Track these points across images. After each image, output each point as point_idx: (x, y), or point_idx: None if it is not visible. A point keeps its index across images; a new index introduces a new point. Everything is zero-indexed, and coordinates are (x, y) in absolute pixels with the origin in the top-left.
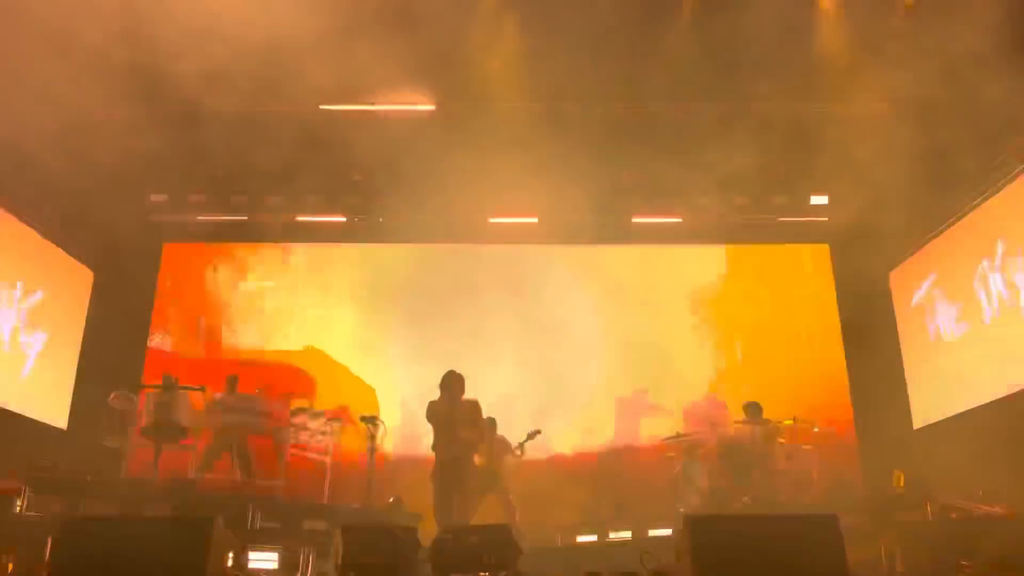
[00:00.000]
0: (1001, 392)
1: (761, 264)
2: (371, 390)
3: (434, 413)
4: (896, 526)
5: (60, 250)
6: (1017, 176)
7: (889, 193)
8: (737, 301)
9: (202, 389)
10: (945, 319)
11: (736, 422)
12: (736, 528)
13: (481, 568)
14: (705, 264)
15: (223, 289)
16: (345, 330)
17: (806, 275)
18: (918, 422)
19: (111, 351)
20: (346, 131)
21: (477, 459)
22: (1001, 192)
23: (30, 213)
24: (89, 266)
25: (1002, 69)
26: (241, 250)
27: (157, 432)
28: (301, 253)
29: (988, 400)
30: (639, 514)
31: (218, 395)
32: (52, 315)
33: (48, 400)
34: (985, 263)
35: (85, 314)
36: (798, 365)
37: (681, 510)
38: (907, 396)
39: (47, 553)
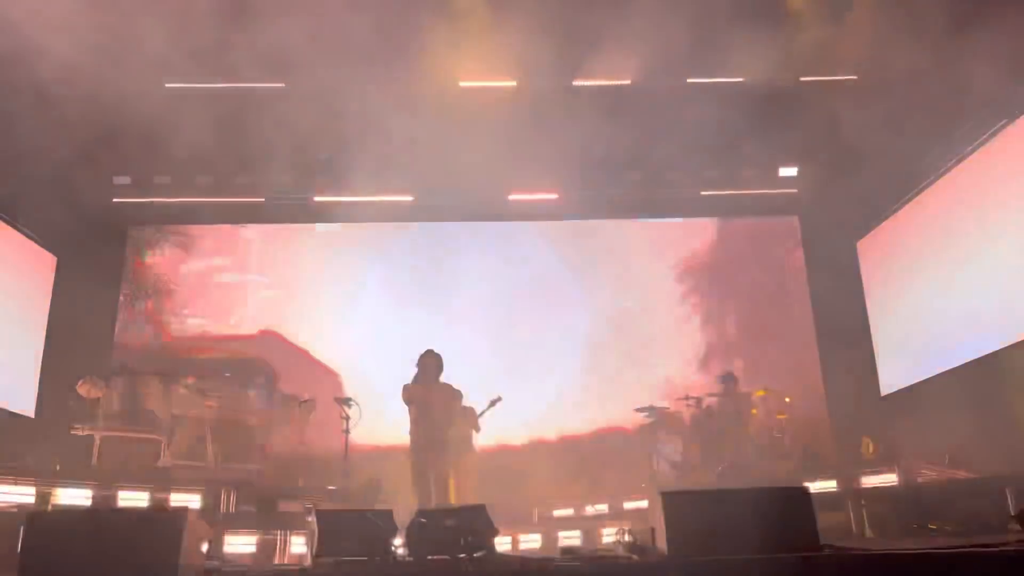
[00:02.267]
0: (967, 358)
1: (732, 237)
2: (338, 374)
3: (410, 395)
4: (865, 491)
5: (20, 235)
6: (982, 145)
7: (856, 164)
8: (716, 273)
9: (171, 376)
10: (910, 288)
11: (710, 394)
12: (709, 502)
13: (458, 550)
14: (684, 237)
15: (177, 271)
16: (305, 313)
17: (781, 246)
18: (886, 389)
19: (77, 337)
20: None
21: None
22: (968, 159)
23: None
24: (51, 251)
25: (968, 36)
26: (198, 231)
27: (127, 419)
28: (256, 232)
29: (954, 366)
30: (616, 488)
31: (188, 381)
32: (15, 300)
33: (14, 388)
34: (950, 231)
35: (49, 300)
36: (771, 336)
37: (655, 483)
38: (875, 364)
39: (20, 543)
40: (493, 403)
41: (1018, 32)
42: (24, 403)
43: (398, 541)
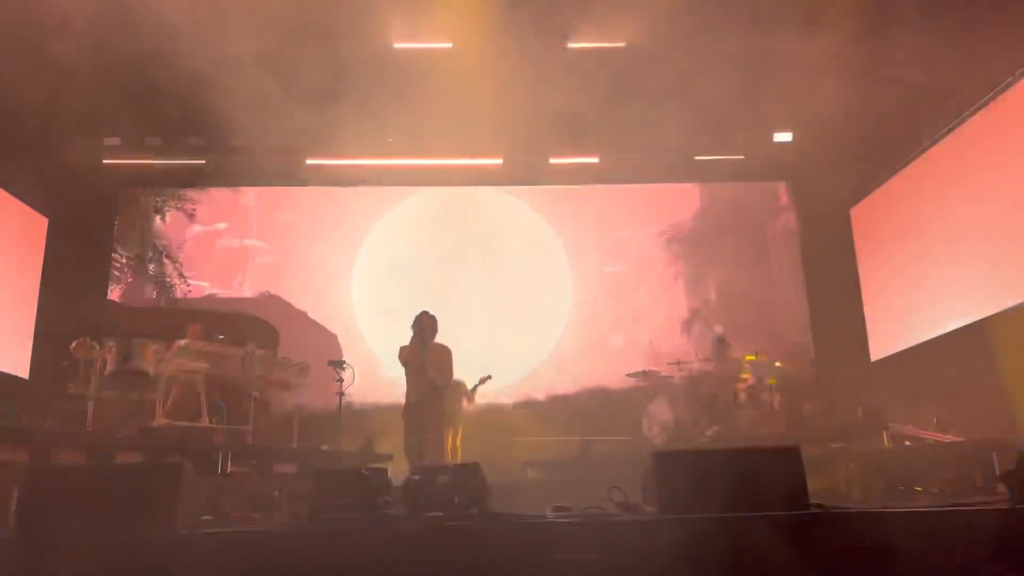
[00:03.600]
0: (957, 324)
1: (728, 201)
2: (332, 336)
3: (406, 357)
4: (854, 455)
5: (12, 197)
6: (977, 111)
7: (849, 131)
8: (708, 238)
9: (166, 336)
10: (902, 254)
11: (701, 358)
12: (701, 462)
13: (452, 507)
14: (675, 202)
15: (175, 233)
16: (303, 275)
17: (770, 212)
18: (876, 354)
19: (70, 299)
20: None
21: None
22: (963, 126)
23: None
24: (43, 213)
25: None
26: (194, 193)
27: (122, 380)
28: (253, 195)
29: (944, 332)
30: (607, 451)
31: (182, 342)
32: (7, 262)
33: (8, 349)
34: (943, 198)
35: (41, 262)
36: (761, 301)
37: (648, 446)
38: (865, 330)
39: (14, 504)
40: (482, 381)
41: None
42: (18, 364)
43: (392, 498)
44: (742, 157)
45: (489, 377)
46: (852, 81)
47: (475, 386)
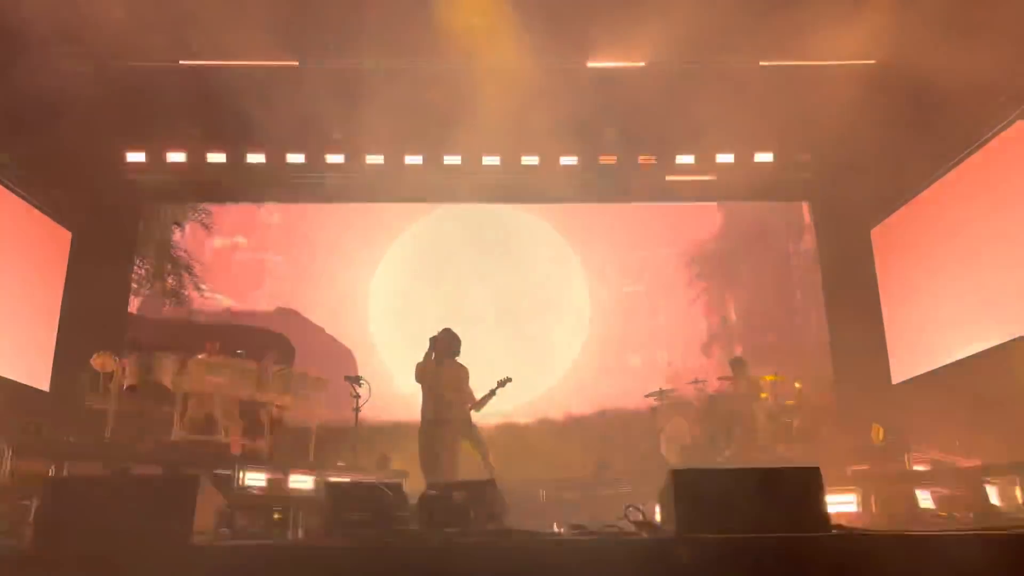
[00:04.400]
0: (979, 347)
1: (749, 221)
2: (349, 352)
3: (422, 374)
4: (875, 476)
5: (37, 211)
6: (999, 133)
7: (871, 151)
8: (728, 258)
9: (185, 351)
10: (924, 276)
11: (720, 378)
12: (719, 480)
13: (468, 523)
14: (697, 221)
15: (194, 247)
16: (321, 290)
17: (791, 232)
18: (897, 377)
19: (92, 312)
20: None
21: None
22: (985, 148)
23: (5, 173)
24: (67, 227)
25: (985, 25)
26: (214, 208)
27: (141, 394)
28: (273, 210)
29: (966, 355)
30: (623, 470)
31: (201, 356)
32: (31, 275)
33: (30, 362)
34: (965, 220)
35: (64, 275)
36: (780, 322)
37: (665, 466)
38: (887, 352)
39: (31, 514)
40: (502, 383)
41: None
42: (39, 377)
43: (408, 513)
44: (760, 176)
45: (509, 379)
46: (873, 101)
47: (492, 389)
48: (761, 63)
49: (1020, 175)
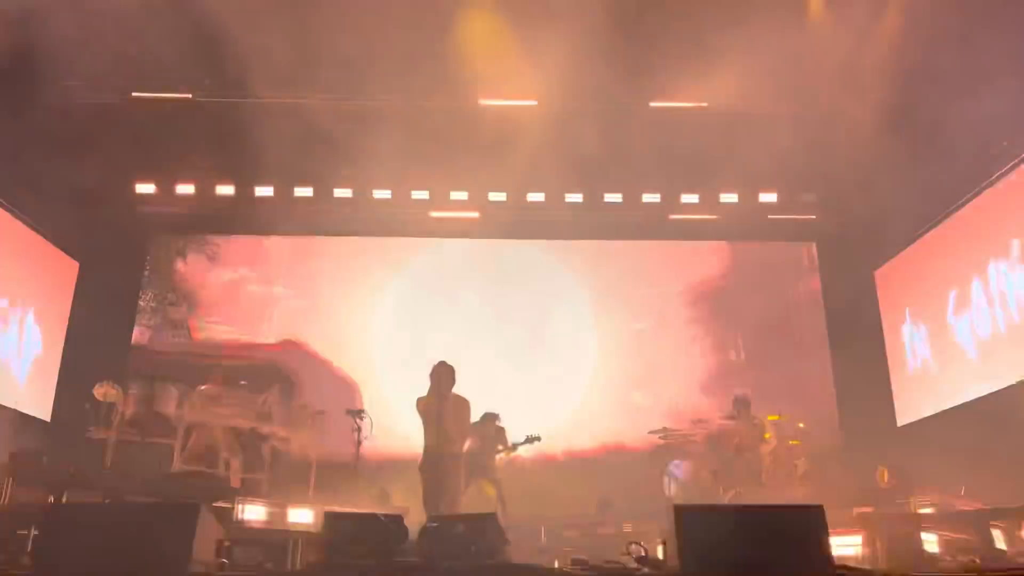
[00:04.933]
0: (985, 390)
1: (755, 261)
2: (352, 385)
3: (424, 408)
4: (879, 519)
5: (45, 241)
6: (1004, 176)
7: (875, 193)
8: (730, 297)
9: (187, 382)
10: (928, 318)
11: (723, 417)
12: (723, 519)
13: (469, 556)
14: (704, 260)
15: (198, 278)
16: (325, 323)
17: (796, 272)
18: (902, 419)
19: (96, 342)
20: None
21: (471, 443)
22: (986, 192)
23: (15, 202)
24: (74, 257)
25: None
26: (220, 239)
27: (141, 425)
28: (278, 242)
29: (972, 398)
30: (625, 509)
31: (203, 388)
32: (36, 306)
33: (32, 391)
34: (967, 262)
35: (70, 305)
36: (785, 362)
37: (668, 506)
38: (891, 393)
39: (30, 543)
40: (530, 440)
41: None
42: (41, 407)
43: (408, 546)
44: (767, 216)
45: (538, 438)
46: (877, 144)
47: (519, 443)
48: (762, 105)
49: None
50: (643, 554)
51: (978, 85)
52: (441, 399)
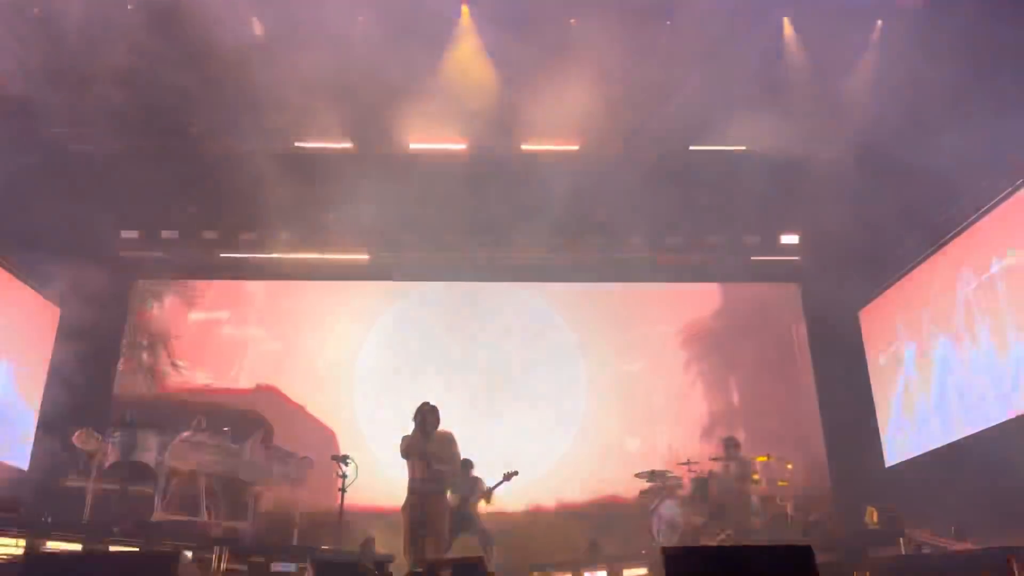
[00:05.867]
0: (972, 429)
1: (736, 304)
2: (331, 433)
3: (408, 447)
4: (870, 562)
5: (26, 287)
6: (986, 214)
7: (856, 235)
8: (720, 340)
9: (167, 429)
10: (913, 357)
11: (711, 458)
12: (711, 560)
13: None
14: (689, 304)
15: (175, 322)
16: (304, 368)
17: (784, 313)
18: (890, 459)
19: (76, 389)
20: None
21: (450, 499)
22: (972, 228)
23: None
24: (55, 303)
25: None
26: (200, 284)
27: (121, 472)
28: (257, 287)
29: (959, 437)
30: (614, 552)
31: (185, 435)
32: (17, 353)
33: (9, 440)
34: (950, 300)
35: (50, 351)
36: (774, 404)
37: (655, 547)
38: (879, 433)
39: None
40: (508, 477)
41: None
42: (19, 455)
43: None
44: (750, 259)
45: (515, 473)
46: (855, 187)
47: (497, 483)
48: (747, 148)
49: (1006, 256)
50: None
51: (954, 124)
52: (426, 437)
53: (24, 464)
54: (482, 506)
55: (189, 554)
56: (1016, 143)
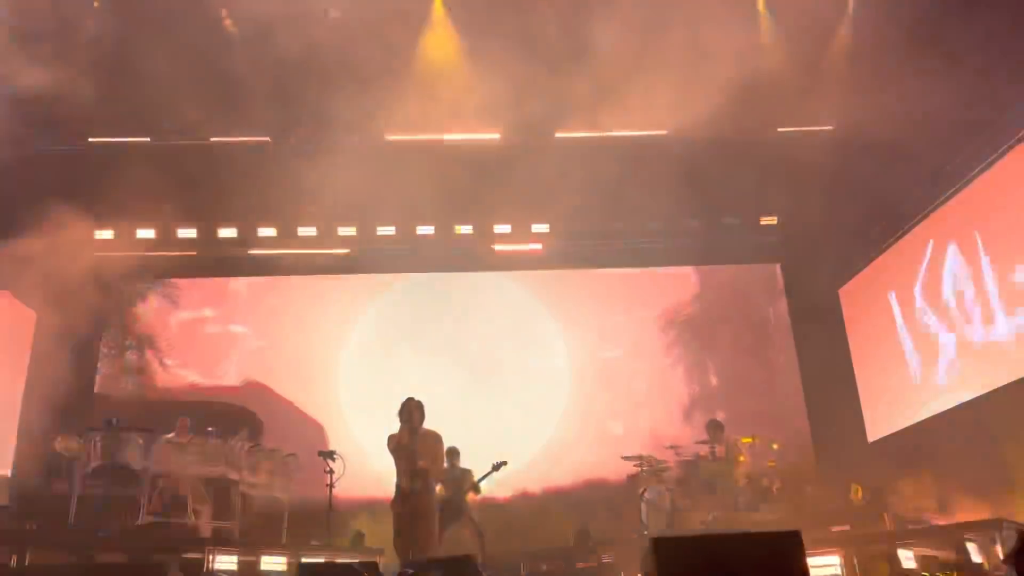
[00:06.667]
0: (955, 402)
1: (716, 286)
2: (319, 427)
3: (395, 444)
4: (855, 537)
5: (2, 291)
6: (959, 191)
7: (835, 213)
8: (700, 323)
9: (152, 431)
10: (893, 333)
11: (697, 442)
12: (701, 548)
13: None
14: (668, 287)
15: (158, 321)
16: (289, 364)
17: (765, 294)
18: (873, 435)
19: (56, 393)
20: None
21: (439, 490)
22: (946, 204)
23: None
24: (31, 307)
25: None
26: (181, 282)
27: (106, 476)
28: (240, 283)
29: (941, 410)
30: (604, 538)
31: (169, 436)
32: None
33: None
34: (931, 275)
35: (28, 356)
36: (756, 384)
37: (645, 532)
38: (861, 410)
39: None
40: (497, 467)
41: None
42: (1, 462)
43: None
44: (730, 240)
45: (504, 463)
46: (833, 165)
47: (486, 474)
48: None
49: (985, 230)
50: None
51: (932, 98)
52: (413, 435)
53: (6, 471)
54: (471, 496)
55: (177, 566)
56: (992, 113)
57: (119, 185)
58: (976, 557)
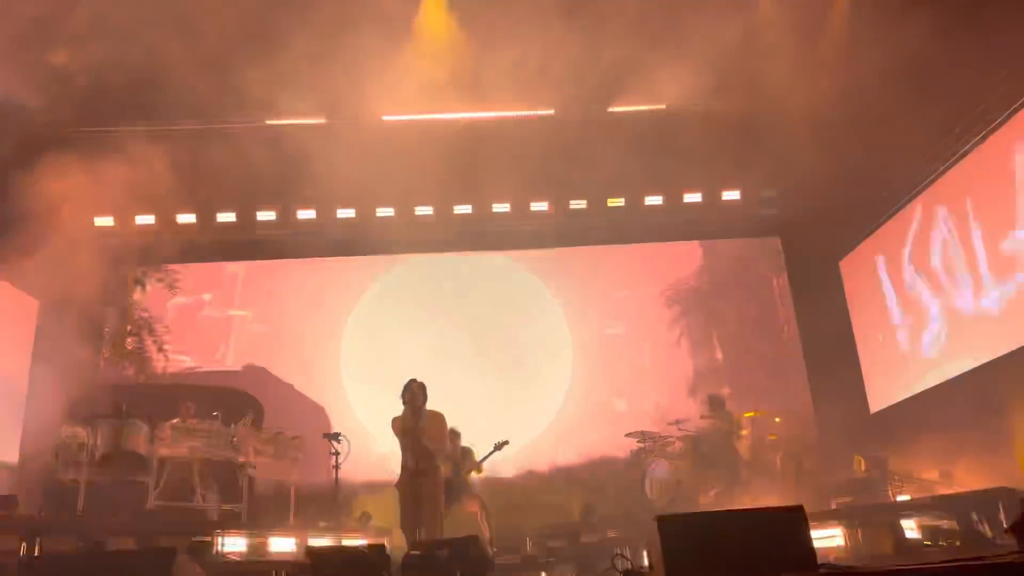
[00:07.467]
0: (954, 372)
1: (717, 261)
2: (321, 409)
3: (400, 427)
4: (859, 509)
5: (2, 281)
6: (957, 162)
7: (834, 184)
8: (703, 298)
9: (157, 416)
10: (894, 304)
11: (701, 417)
12: (705, 525)
13: None
14: (670, 262)
15: (157, 306)
16: (290, 347)
17: (766, 268)
18: (875, 406)
19: (61, 381)
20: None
21: (443, 470)
22: (945, 176)
23: None
24: (34, 295)
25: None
26: (180, 267)
27: (113, 463)
28: (238, 266)
29: (942, 381)
30: (609, 514)
31: (175, 421)
32: None
33: None
34: (930, 245)
35: (31, 344)
36: (759, 358)
37: (648, 508)
38: (863, 382)
39: None
40: (499, 446)
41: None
42: (8, 450)
43: (392, 574)
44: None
45: (506, 442)
46: (831, 136)
47: (488, 453)
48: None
49: (983, 201)
50: (628, 567)
51: (928, 74)
52: (416, 416)
53: (14, 460)
54: (475, 474)
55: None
56: (986, 89)
57: (119, 171)
58: (981, 527)
